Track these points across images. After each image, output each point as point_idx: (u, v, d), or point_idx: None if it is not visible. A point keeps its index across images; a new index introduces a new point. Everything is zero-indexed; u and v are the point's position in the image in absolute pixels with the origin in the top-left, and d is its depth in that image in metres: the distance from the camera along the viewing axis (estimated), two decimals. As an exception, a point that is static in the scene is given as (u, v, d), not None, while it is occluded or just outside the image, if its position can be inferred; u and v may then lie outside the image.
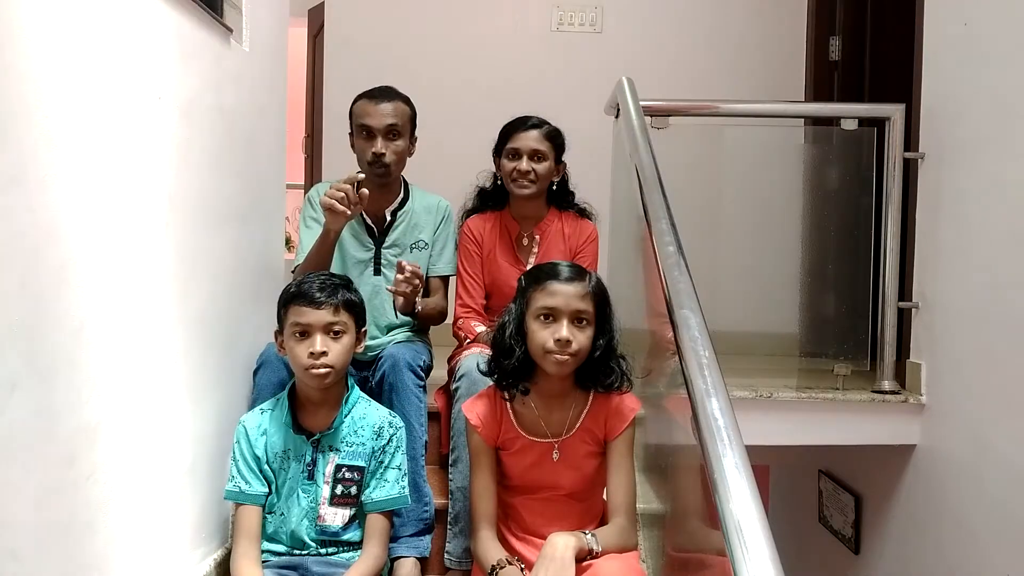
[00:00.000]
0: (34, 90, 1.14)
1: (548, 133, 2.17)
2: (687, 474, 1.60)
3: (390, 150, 2.10)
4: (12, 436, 1.11)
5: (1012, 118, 2.07)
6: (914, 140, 2.50)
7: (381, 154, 2.09)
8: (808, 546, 3.44)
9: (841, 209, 2.69)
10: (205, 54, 1.74)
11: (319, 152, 3.94)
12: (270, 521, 1.73)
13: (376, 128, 2.08)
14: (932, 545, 2.38)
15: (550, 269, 1.64)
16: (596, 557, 1.54)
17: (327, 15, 3.85)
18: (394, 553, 1.85)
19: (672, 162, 2.04)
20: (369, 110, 2.10)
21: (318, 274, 1.77)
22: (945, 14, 2.38)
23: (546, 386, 1.65)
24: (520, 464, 1.69)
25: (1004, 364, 2.07)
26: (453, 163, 2.48)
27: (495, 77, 3.73)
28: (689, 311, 1.46)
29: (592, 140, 2.56)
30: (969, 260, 2.24)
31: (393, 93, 2.14)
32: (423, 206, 2.23)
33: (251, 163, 2.06)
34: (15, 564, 1.12)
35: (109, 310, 1.36)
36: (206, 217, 1.77)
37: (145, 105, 1.47)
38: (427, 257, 2.22)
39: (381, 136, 2.09)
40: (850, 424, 2.49)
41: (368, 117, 2.09)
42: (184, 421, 1.69)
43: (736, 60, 3.73)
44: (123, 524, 1.43)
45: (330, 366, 1.66)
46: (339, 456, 1.73)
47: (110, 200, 1.36)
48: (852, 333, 2.57)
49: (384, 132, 2.09)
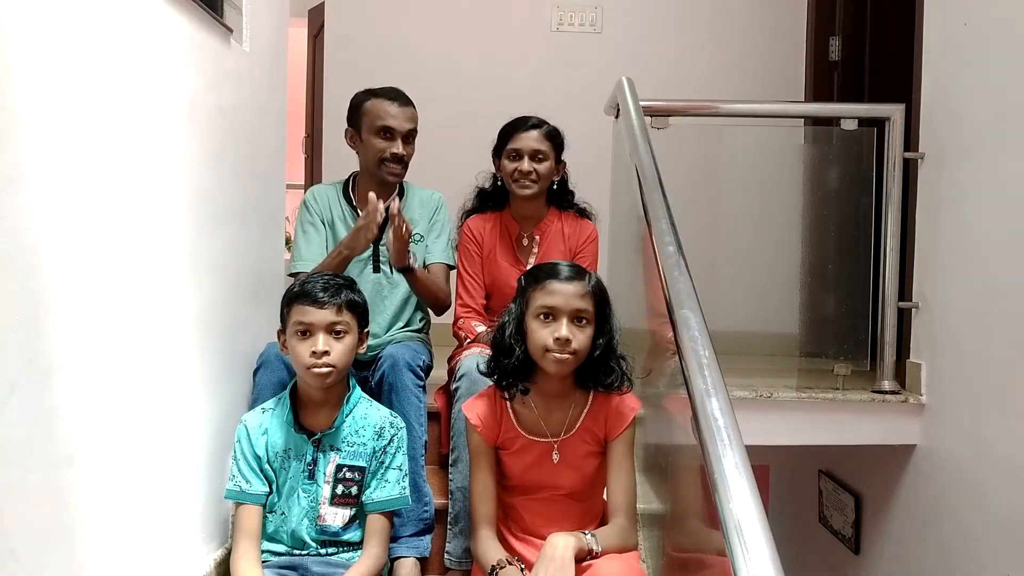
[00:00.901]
0: (34, 90, 1.14)
1: (548, 133, 2.17)
2: (687, 474, 1.60)
3: (407, 152, 2.15)
4: (12, 436, 1.11)
5: (1012, 118, 2.06)
6: (914, 140, 2.50)
7: (402, 155, 2.13)
8: (808, 546, 3.44)
9: (841, 209, 2.69)
10: (205, 54, 1.74)
11: (319, 152, 3.94)
12: (270, 521, 1.73)
13: (398, 130, 2.12)
14: (932, 545, 2.38)
15: (550, 269, 1.64)
16: (596, 557, 1.54)
17: (327, 15, 3.86)
18: (394, 553, 1.85)
19: (672, 162, 2.04)
20: (391, 111, 2.13)
21: (322, 274, 1.77)
22: (945, 14, 2.38)
23: (546, 386, 1.65)
24: (520, 464, 1.69)
25: (1004, 364, 2.07)
26: (453, 163, 2.48)
27: (495, 77, 3.73)
28: (689, 311, 1.46)
29: (592, 140, 2.56)
30: (969, 260, 2.24)
31: (407, 98, 2.18)
32: (418, 201, 2.25)
33: (251, 163, 2.06)
34: (15, 564, 1.12)
35: (109, 310, 1.36)
36: (206, 217, 1.77)
37: (145, 105, 1.47)
38: (423, 249, 2.23)
39: (401, 139, 2.13)
40: (850, 424, 2.49)
41: (391, 119, 2.12)
42: (184, 420, 1.69)
43: (736, 60, 3.73)
44: (123, 524, 1.43)
45: (332, 366, 1.66)
46: (340, 456, 1.73)
47: (110, 200, 1.36)
48: (852, 333, 2.57)
49: (405, 135, 2.13)
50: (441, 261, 2.23)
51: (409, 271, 2.05)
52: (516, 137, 2.16)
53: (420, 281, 2.10)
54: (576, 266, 1.68)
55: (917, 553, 2.47)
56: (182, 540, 1.69)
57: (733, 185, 3.24)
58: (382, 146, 2.12)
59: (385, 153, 2.12)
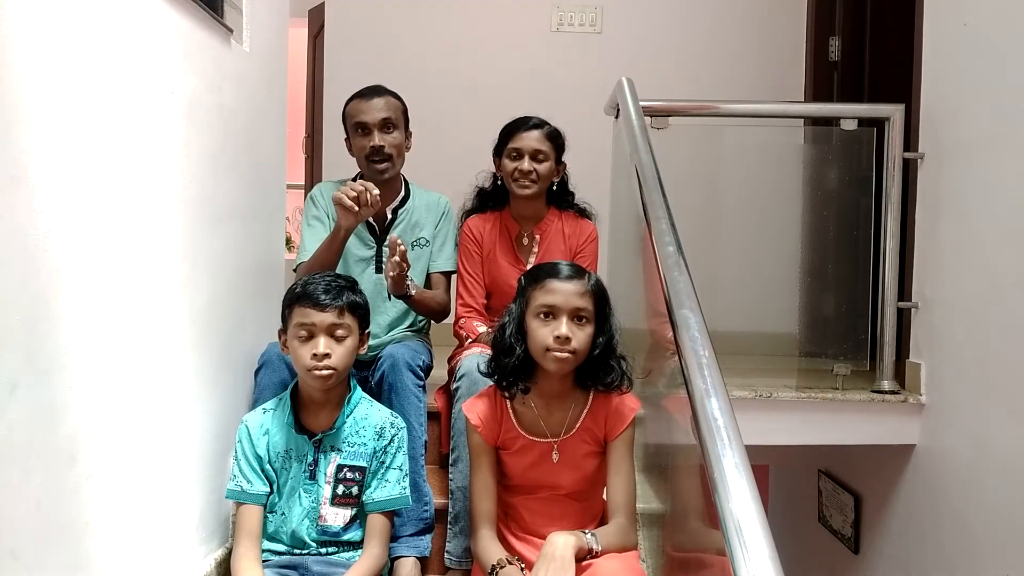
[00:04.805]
0: (34, 90, 1.14)
1: (549, 133, 2.17)
2: (687, 474, 1.60)
3: (387, 142, 2.13)
4: (12, 436, 1.11)
5: (1012, 118, 2.07)
6: (913, 140, 2.50)
7: (380, 147, 2.11)
8: (808, 546, 3.44)
9: (841, 209, 2.70)
10: (205, 54, 1.74)
11: (319, 152, 3.94)
12: (271, 520, 1.73)
13: (371, 123, 2.11)
14: (932, 545, 2.38)
15: (549, 268, 1.65)
16: (596, 556, 1.54)
17: (327, 15, 3.86)
18: (394, 553, 1.85)
19: (672, 162, 2.05)
20: (361, 107, 2.13)
21: (324, 275, 1.77)
22: (945, 14, 2.38)
23: (546, 386, 1.65)
24: (520, 464, 1.69)
25: (1004, 364, 2.07)
26: (453, 163, 2.48)
27: (495, 77, 3.73)
28: (689, 311, 1.46)
29: (592, 140, 2.56)
30: (969, 260, 2.24)
31: (382, 89, 2.17)
32: (423, 204, 2.24)
33: (251, 163, 2.06)
34: (15, 564, 1.12)
35: (109, 310, 1.36)
36: (206, 217, 1.77)
37: (145, 105, 1.48)
38: (428, 254, 2.23)
39: (377, 130, 2.11)
40: (850, 424, 2.50)
41: (361, 114, 2.12)
42: (185, 421, 1.69)
43: (736, 60, 3.73)
44: (123, 523, 1.43)
45: (333, 368, 1.66)
46: (341, 456, 1.73)
47: (110, 200, 1.36)
48: (852, 333, 2.57)
49: (379, 126, 2.12)
50: (445, 270, 2.24)
51: (407, 297, 2.05)
52: (517, 136, 2.16)
53: (418, 302, 2.11)
54: (576, 265, 1.68)
55: (917, 553, 2.47)
56: (183, 539, 1.69)
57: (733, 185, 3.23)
58: (361, 143, 2.13)
59: (365, 149, 2.12)
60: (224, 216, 1.88)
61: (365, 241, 2.18)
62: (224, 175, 1.88)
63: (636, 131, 2.14)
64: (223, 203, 1.88)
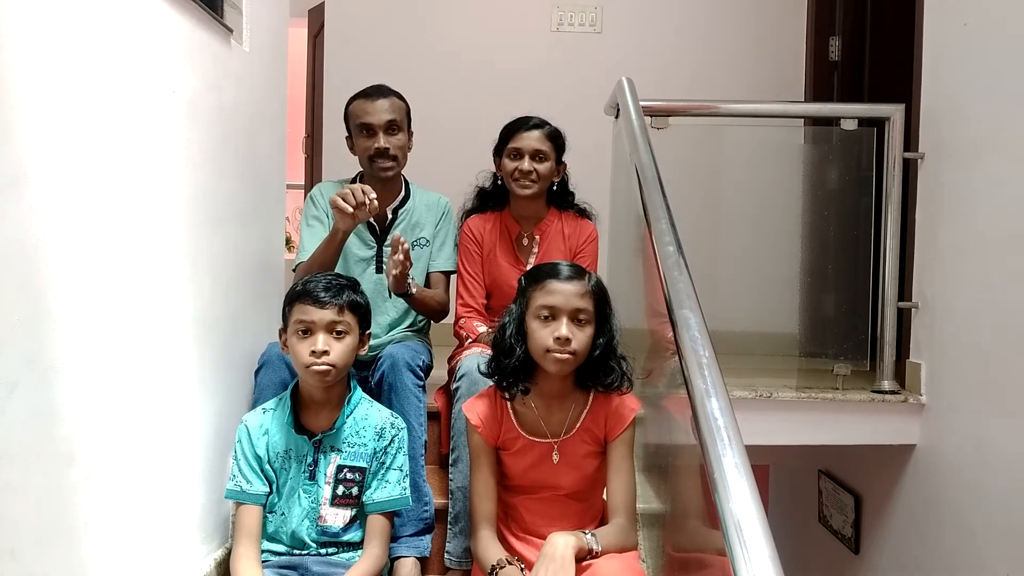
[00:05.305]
0: (34, 90, 1.14)
1: (550, 133, 2.17)
2: (687, 474, 1.60)
3: (392, 144, 2.12)
4: (12, 436, 1.11)
5: (1012, 118, 2.07)
6: (914, 140, 2.50)
7: (385, 148, 2.11)
8: (808, 546, 3.44)
9: (841, 209, 2.70)
10: (205, 54, 1.74)
11: (319, 152, 3.94)
12: (270, 521, 1.73)
13: (376, 125, 2.11)
14: (932, 545, 2.38)
15: (549, 269, 1.65)
16: (596, 557, 1.54)
17: (327, 15, 3.86)
18: (394, 553, 1.85)
19: (672, 162, 2.05)
20: (367, 108, 2.12)
21: (325, 274, 1.77)
22: (945, 14, 2.38)
23: (546, 386, 1.65)
24: (520, 464, 1.69)
25: (1004, 364, 2.07)
26: (453, 163, 2.48)
27: (495, 77, 3.73)
28: (689, 311, 1.46)
29: (592, 140, 2.56)
30: (969, 260, 2.24)
31: (386, 90, 2.16)
32: (424, 204, 2.24)
33: (251, 163, 2.06)
34: (15, 563, 1.12)
35: (109, 310, 1.36)
36: (206, 217, 1.77)
37: (145, 105, 1.47)
38: (428, 254, 2.23)
39: (382, 132, 2.11)
40: (850, 424, 2.50)
41: (367, 115, 2.11)
42: (184, 420, 1.69)
43: (736, 60, 3.73)
44: (123, 523, 1.43)
45: (331, 364, 1.66)
46: (341, 457, 1.73)
47: (110, 200, 1.36)
48: (852, 333, 2.57)
49: (384, 127, 2.11)
50: (444, 270, 2.24)
51: (408, 296, 2.05)
52: (518, 136, 2.16)
53: (419, 301, 2.11)
54: (576, 266, 1.68)
55: (917, 553, 2.47)
56: (182, 540, 1.69)
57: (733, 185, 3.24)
58: (365, 144, 2.13)
59: (370, 151, 2.12)
60: (224, 216, 1.88)
61: (365, 241, 2.19)
62: (224, 175, 1.88)
63: (636, 131, 2.14)
64: (223, 203, 1.88)
